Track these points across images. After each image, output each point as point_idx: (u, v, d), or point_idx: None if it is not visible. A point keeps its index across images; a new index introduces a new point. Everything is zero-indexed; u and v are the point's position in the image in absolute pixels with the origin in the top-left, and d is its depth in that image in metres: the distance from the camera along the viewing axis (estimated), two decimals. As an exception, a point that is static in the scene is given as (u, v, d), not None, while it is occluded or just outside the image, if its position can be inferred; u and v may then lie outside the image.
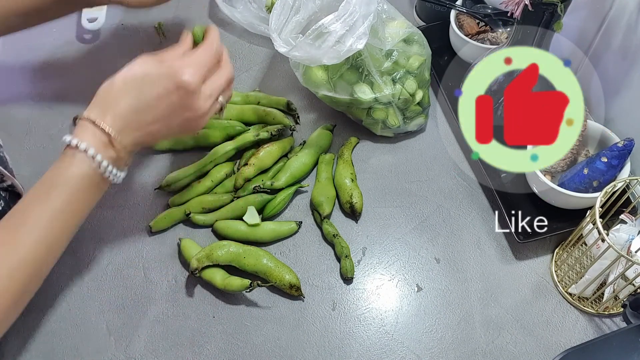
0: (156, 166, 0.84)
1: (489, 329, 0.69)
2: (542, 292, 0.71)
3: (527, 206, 0.74)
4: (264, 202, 0.78)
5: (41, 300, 0.72)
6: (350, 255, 0.73)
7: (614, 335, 0.62)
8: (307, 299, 0.72)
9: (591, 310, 0.69)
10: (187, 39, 0.67)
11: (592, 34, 0.77)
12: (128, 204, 0.80)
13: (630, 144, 0.68)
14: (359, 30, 0.68)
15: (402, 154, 0.84)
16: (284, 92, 0.90)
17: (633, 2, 0.69)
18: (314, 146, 0.82)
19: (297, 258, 0.75)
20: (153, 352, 0.68)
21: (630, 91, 0.74)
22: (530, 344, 0.68)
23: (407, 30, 0.77)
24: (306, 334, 0.69)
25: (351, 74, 0.77)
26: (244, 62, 0.96)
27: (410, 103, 0.80)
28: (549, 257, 0.74)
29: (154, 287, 0.73)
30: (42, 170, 0.85)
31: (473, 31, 0.87)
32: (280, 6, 0.74)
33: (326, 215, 0.76)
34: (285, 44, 0.71)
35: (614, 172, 0.69)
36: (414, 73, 0.78)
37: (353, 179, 0.79)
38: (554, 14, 0.66)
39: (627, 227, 0.68)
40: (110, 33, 1.00)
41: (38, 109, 0.90)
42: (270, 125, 0.84)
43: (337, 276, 0.73)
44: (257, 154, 0.80)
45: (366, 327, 0.70)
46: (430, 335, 0.69)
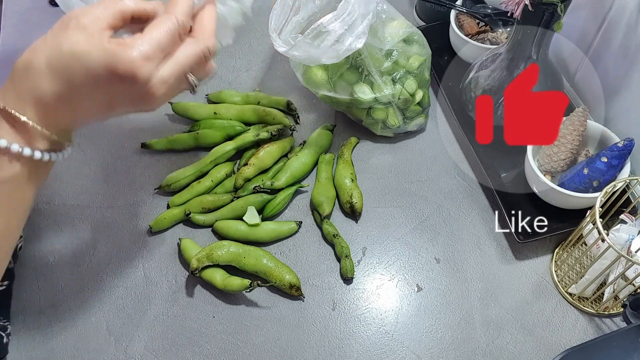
0: (156, 166, 0.84)
1: (489, 329, 0.69)
2: (542, 292, 0.71)
3: (527, 206, 0.73)
4: (264, 202, 0.78)
5: (41, 300, 0.72)
6: (350, 255, 0.73)
7: (614, 335, 0.62)
8: (307, 299, 0.72)
9: (591, 310, 0.69)
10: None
11: (592, 34, 0.77)
12: (128, 204, 0.80)
13: (630, 144, 0.68)
14: (357, 30, 0.68)
15: (402, 154, 0.84)
16: (284, 92, 0.90)
17: (633, 2, 0.69)
18: (314, 146, 0.82)
19: (297, 258, 0.75)
20: (153, 352, 0.68)
21: (630, 91, 0.74)
22: (530, 344, 0.68)
23: (407, 30, 0.77)
24: (306, 334, 0.69)
25: (351, 74, 0.77)
26: (244, 62, 0.96)
27: (410, 103, 0.80)
28: (549, 257, 0.74)
29: (154, 287, 0.73)
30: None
31: (473, 31, 0.87)
32: (280, 6, 0.74)
33: (326, 215, 0.76)
34: (284, 43, 0.71)
35: (614, 172, 0.69)
36: (414, 73, 0.78)
37: (353, 179, 0.79)
38: (554, 14, 0.66)
39: (627, 227, 0.68)
40: (110, 33, 1.00)
41: (38, 109, 0.90)
42: (270, 125, 0.84)
43: (337, 276, 0.73)
44: (257, 154, 0.80)
45: (366, 327, 0.70)
46: (430, 335, 0.69)
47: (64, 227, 0.79)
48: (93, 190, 0.82)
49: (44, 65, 0.47)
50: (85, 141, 0.87)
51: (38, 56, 0.47)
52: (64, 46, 0.46)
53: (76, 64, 0.46)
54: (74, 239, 0.78)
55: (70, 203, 0.80)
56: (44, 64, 0.47)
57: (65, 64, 0.46)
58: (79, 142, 0.86)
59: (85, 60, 0.46)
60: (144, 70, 0.47)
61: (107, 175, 0.83)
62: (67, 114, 0.49)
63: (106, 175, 0.83)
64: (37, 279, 0.74)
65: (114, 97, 0.49)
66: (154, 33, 0.48)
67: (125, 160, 0.84)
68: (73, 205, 0.80)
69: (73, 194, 0.81)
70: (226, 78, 0.94)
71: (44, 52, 0.47)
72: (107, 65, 0.46)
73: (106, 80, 0.47)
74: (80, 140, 0.87)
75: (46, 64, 0.47)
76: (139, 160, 0.84)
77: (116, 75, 0.46)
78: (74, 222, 0.79)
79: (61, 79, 0.47)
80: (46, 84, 0.47)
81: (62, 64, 0.46)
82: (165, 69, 0.49)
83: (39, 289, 0.73)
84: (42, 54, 0.47)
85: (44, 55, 0.47)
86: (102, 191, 0.82)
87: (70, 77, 0.47)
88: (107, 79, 0.47)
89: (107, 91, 0.48)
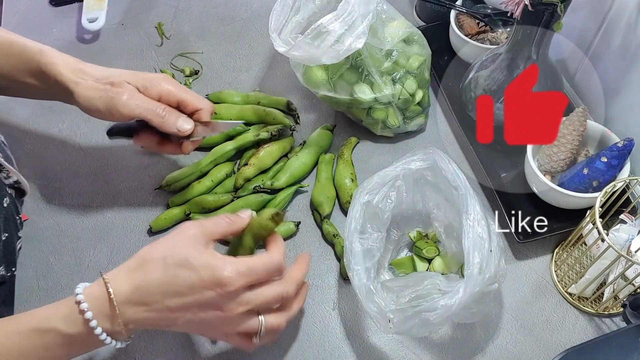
0: (156, 166, 0.84)
1: (489, 329, 0.69)
2: (542, 292, 0.71)
3: (527, 206, 0.73)
4: (264, 202, 0.78)
5: (41, 300, 0.72)
6: (350, 255, 0.73)
7: (613, 335, 0.62)
8: (307, 299, 0.71)
9: (591, 310, 0.69)
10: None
11: (592, 34, 0.77)
12: (128, 204, 0.80)
13: (630, 144, 0.68)
14: (357, 30, 0.68)
15: (402, 154, 0.83)
16: (284, 92, 0.90)
17: (633, 2, 0.69)
18: (314, 146, 0.82)
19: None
20: (153, 352, 0.68)
21: (630, 91, 0.74)
22: (530, 344, 0.68)
23: (407, 30, 0.77)
24: (306, 334, 0.69)
25: (351, 74, 0.77)
26: (244, 62, 0.96)
27: (410, 103, 0.80)
28: (548, 257, 0.74)
29: (154, 287, 0.73)
30: (42, 170, 0.86)
31: (473, 31, 0.87)
32: (280, 6, 0.74)
33: (326, 215, 0.76)
34: (284, 43, 0.71)
35: (613, 172, 0.69)
36: (413, 73, 0.78)
37: (353, 179, 0.79)
38: (554, 14, 0.66)
39: (627, 227, 0.68)
40: (110, 33, 1.01)
41: (38, 109, 0.90)
42: (270, 125, 0.84)
43: (337, 276, 0.73)
44: (257, 154, 0.80)
45: (366, 327, 0.70)
46: (430, 335, 0.68)
47: (64, 227, 0.79)
48: (93, 190, 0.82)
49: (160, 256, 0.54)
50: (86, 141, 0.87)
51: (159, 249, 0.55)
52: (181, 251, 0.54)
53: (186, 263, 0.53)
54: (74, 239, 0.78)
55: (71, 203, 0.80)
56: (161, 255, 0.54)
57: (175, 258, 0.54)
58: (79, 142, 0.87)
59: (194, 261, 0.53)
60: (234, 281, 0.53)
61: (107, 175, 0.83)
62: (155, 305, 0.53)
63: (106, 175, 0.83)
64: (37, 279, 0.74)
65: (201, 302, 0.54)
66: (256, 262, 0.56)
67: (125, 160, 0.84)
68: (73, 205, 0.80)
69: (73, 194, 0.81)
70: (226, 78, 0.94)
71: (164, 247, 0.55)
72: (210, 267, 0.53)
73: (201, 281, 0.53)
74: (81, 140, 0.87)
75: (162, 255, 0.54)
76: (139, 160, 0.84)
77: (211, 276, 0.53)
78: (74, 222, 0.79)
79: (168, 269, 0.53)
80: (153, 269, 0.54)
81: (174, 260, 0.54)
82: (250, 294, 0.55)
83: (39, 289, 0.73)
84: (162, 249, 0.55)
85: (163, 250, 0.55)
86: (102, 191, 0.82)
87: (175, 271, 0.53)
88: (202, 280, 0.53)
89: (197, 293, 0.53)
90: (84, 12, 0.99)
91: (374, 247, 0.64)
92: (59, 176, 0.83)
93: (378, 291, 0.60)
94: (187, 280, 0.53)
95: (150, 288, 0.53)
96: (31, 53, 0.68)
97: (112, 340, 0.54)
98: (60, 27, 1.02)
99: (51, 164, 0.85)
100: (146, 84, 0.66)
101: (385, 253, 0.72)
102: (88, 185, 0.82)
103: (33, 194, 0.81)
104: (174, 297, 0.53)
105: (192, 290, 0.53)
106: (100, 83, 0.65)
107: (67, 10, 1.04)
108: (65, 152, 0.86)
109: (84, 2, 1.01)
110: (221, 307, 0.54)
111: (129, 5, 1.05)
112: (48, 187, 0.82)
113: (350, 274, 0.62)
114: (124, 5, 1.04)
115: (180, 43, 0.98)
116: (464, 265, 0.58)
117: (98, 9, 1.00)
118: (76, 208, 0.80)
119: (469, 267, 0.57)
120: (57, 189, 0.82)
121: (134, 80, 0.66)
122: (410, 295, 0.61)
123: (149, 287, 0.53)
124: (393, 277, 0.72)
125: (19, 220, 0.72)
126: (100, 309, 0.53)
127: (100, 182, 0.83)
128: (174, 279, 0.53)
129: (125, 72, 0.68)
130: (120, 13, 1.03)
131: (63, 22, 1.03)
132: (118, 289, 0.53)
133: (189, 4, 1.04)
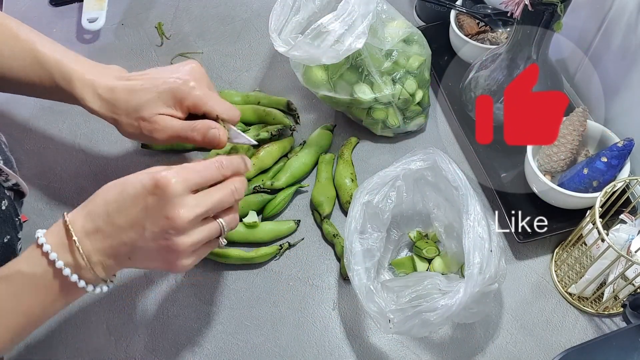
0: (156, 166, 0.83)
1: (489, 329, 0.69)
2: (542, 292, 0.71)
3: (527, 206, 0.73)
4: (264, 202, 0.78)
5: (41, 300, 0.72)
6: (350, 255, 0.73)
7: (613, 335, 0.62)
8: (307, 299, 0.72)
9: (591, 310, 0.69)
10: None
11: (592, 34, 0.77)
12: (128, 204, 0.80)
13: (630, 144, 0.68)
14: (357, 30, 0.68)
15: (402, 154, 0.83)
16: (284, 92, 0.90)
17: (633, 2, 0.69)
18: (314, 146, 0.82)
19: (297, 258, 0.75)
20: (153, 352, 0.68)
21: (630, 91, 0.74)
22: (530, 344, 0.68)
23: (407, 30, 0.77)
24: (306, 334, 0.69)
25: (351, 74, 0.77)
26: (244, 62, 0.96)
27: (410, 103, 0.80)
28: (548, 257, 0.74)
29: (155, 287, 0.73)
30: (42, 170, 0.86)
31: (473, 31, 0.87)
32: (280, 6, 0.74)
33: (326, 215, 0.76)
34: (284, 43, 0.71)
35: (613, 172, 0.69)
36: (413, 73, 0.78)
37: (353, 179, 0.79)
38: (554, 14, 0.66)
39: (627, 227, 0.68)
40: (110, 33, 1.01)
41: (38, 109, 0.90)
42: (270, 125, 0.84)
43: (337, 276, 0.74)
44: (257, 154, 0.80)
45: (366, 327, 0.70)
46: (430, 335, 0.69)
47: (64, 227, 0.78)
48: (93, 190, 0.81)
49: (111, 184, 0.55)
50: (86, 141, 0.87)
51: (116, 181, 0.55)
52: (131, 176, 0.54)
53: (129, 178, 0.54)
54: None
55: (71, 203, 0.80)
56: (112, 183, 0.55)
57: (124, 181, 0.55)
58: (79, 142, 0.87)
59: (136, 176, 0.54)
60: (173, 180, 0.52)
61: (107, 175, 0.83)
62: (106, 230, 0.53)
63: (106, 175, 0.83)
64: (37, 279, 0.74)
65: (146, 211, 0.52)
66: (198, 164, 0.56)
67: (125, 160, 0.84)
68: (73, 206, 0.79)
69: (73, 194, 0.81)
70: (226, 78, 0.94)
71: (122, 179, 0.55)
72: (148, 172, 0.53)
73: (142, 188, 0.52)
74: (81, 140, 0.87)
75: (113, 182, 0.55)
76: (139, 160, 0.84)
77: (150, 180, 0.52)
78: (74, 222, 0.79)
79: (114, 191, 0.55)
80: (101, 195, 0.55)
81: (121, 182, 0.55)
82: (196, 197, 0.54)
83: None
84: (118, 181, 0.55)
85: (117, 181, 0.55)
86: (102, 191, 0.82)
87: (120, 190, 0.54)
88: (143, 186, 0.52)
89: (141, 203, 0.52)
90: (84, 12, 0.99)
91: (374, 247, 0.64)
92: (59, 176, 0.83)
93: (378, 291, 0.60)
94: (130, 193, 0.53)
95: (98, 209, 0.54)
96: (48, 68, 0.66)
97: (83, 282, 0.53)
98: (60, 27, 1.02)
99: (51, 164, 0.85)
100: (175, 102, 0.64)
101: (385, 253, 0.72)
102: (88, 185, 0.82)
103: (33, 195, 0.81)
104: (120, 213, 0.53)
105: (135, 200, 0.53)
106: (132, 119, 0.64)
107: (67, 10, 1.04)
108: (65, 152, 0.86)
109: (84, 2, 1.01)
110: (170, 217, 0.52)
111: (129, 5, 1.05)
112: (48, 188, 0.82)
113: (350, 274, 0.62)
114: (124, 5, 1.04)
115: (180, 43, 0.98)
116: (464, 265, 0.59)
117: (98, 9, 1.00)
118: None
119: (469, 267, 0.57)
120: (57, 189, 0.82)
121: (164, 100, 0.64)
122: (411, 295, 0.61)
123: (96, 210, 0.54)
124: (393, 277, 0.72)
125: (18, 222, 0.72)
126: (58, 241, 0.53)
127: (100, 182, 0.81)
128: (117, 196, 0.54)
129: (148, 86, 0.64)
130: (120, 13, 1.03)
131: (63, 22, 1.02)
132: (73, 220, 0.54)
133: (189, 4, 1.04)
